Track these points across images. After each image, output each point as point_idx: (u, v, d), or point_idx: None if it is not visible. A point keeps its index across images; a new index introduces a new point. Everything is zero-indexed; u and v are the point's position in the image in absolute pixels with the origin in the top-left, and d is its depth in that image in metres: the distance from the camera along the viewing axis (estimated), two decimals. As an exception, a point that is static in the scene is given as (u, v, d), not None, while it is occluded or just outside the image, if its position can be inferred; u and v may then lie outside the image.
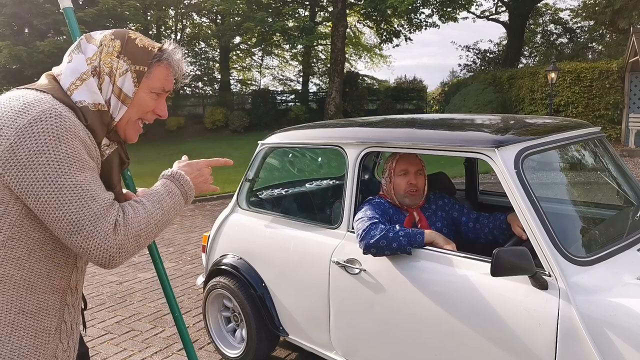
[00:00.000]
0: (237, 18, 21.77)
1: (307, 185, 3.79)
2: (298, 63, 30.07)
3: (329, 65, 22.88)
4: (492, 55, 29.58)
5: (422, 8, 21.63)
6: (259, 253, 2.99)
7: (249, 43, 25.29)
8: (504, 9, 27.09)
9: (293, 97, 27.43)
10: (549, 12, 28.75)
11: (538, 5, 27.13)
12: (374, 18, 23.09)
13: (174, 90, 1.46)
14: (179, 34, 26.87)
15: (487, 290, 1.98)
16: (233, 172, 12.05)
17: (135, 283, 4.84)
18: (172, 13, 25.20)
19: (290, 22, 21.63)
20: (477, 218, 2.69)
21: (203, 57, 27.09)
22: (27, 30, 20.51)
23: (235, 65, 30.41)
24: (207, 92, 27.22)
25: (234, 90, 28.82)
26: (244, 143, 16.98)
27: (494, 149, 2.03)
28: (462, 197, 3.37)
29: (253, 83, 31.64)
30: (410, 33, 23.81)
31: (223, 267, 3.11)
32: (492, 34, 78.75)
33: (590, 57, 25.75)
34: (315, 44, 25.78)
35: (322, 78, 29.93)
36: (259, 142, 3.20)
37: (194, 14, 25.63)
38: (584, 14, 23.64)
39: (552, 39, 29.56)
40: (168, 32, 26.33)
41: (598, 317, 1.73)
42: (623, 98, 14.33)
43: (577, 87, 14.82)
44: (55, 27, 19.29)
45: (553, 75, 14.00)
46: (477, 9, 27.14)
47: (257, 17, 19.80)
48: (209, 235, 3.37)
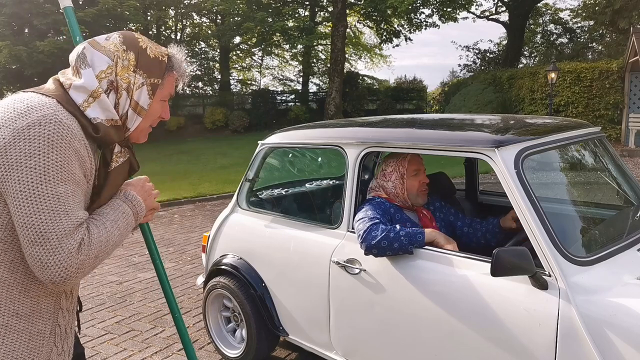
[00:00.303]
0: (237, 18, 21.77)
1: (307, 185, 3.79)
2: (298, 63, 30.06)
3: (329, 65, 22.87)
4: (492, 55, 29.57)
5: (422, 8, 21.62)
6: (259, 253, 2.99)
7: (249, 43, 25.29)
8: (504, 9, 27.09)
9: (293, 97, 27.42)
10: (549, 12, 28.75)
11: (538, 5, 27.13)
12: (374, 18, 23.09)
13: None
14: (179, 34, 26.86)
15: (487, 290, 1.98)
16: (233, 172, 12.08)
17: (135, 283, 4.84)
18: (172, 13, 25.18)
19: (290, 22, 21.63)
20: (470, 223, 2.72)
21: (203, 57, 27.07)
22: (27, 30, 20.50)
23: (235, 65, 30.41)
24: (207, 92, 27.22)
25: (234, 90, 28.82)
26: (244, 143, 16.98)
27: (494, 149, 2.03)
28: (462, 197, 3.38)
29: (253, 83, 31.66)
30: (410, 33, 23.82)
31: (223, 267, 3.11)
32: (492, 34, 78.79)
33: (590, 57, 25.75)
34: (315, 44, 25.78)
35: (322, 78, 29.94)
36: (259, 142, 3.20)
37: (194, 14, 25.62)
38: (584, 14, 23.64)
39: (552, 39, 29.56)
40: (168, 32, 26.32)
41: (598, 317, 1.73)
42: (623, 98, 14.33)
43: (577, 87, 14.81)
44: (55, 27, 19.28)
45: (553, 75, 14.00)
46: (477, 9, 27.16)
47: (257, 17, 19.79)
48: (209, 235, 3.37)
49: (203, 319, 3.39)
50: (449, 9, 20.79)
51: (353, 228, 2.45)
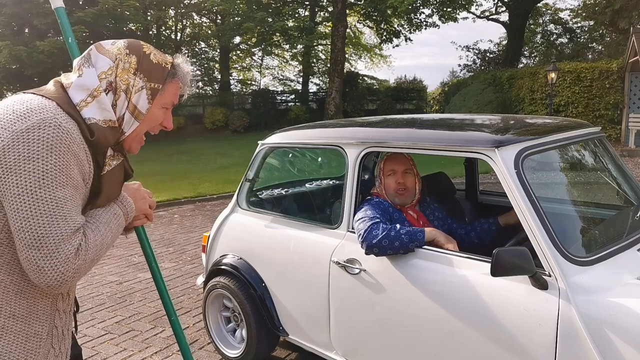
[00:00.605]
0: (237, 18, 21.76)
1: (307, 185, 3.79)
2: (298, 63, 30.06)
3: (329, 65, 22.87)
4: (492, 55, 29.57)
5: (422, 8, 21.62)
6: (259, 253, 2.99)
7: (249, 43, 25.29)
8: (504, 9, 27.08)
9: (293, 97, 27.43)
10: (549, 12, 28.75)
11: (538, 5, 27.13)
12: (374, 18, 23.08)
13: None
14: (179, 34, 26.86)
15: (487, 290, 1.98)
16: (233, 172, 12.08)
17: (135, 283, 4.84)
18: (172, 13, 25.18)
19: (290, 22, 21.63)
20: (466, 226, 2.73)
21: (203, 57, 27.08)
22: (27, 30, 20.50)
23: (235, 65, 30.41)
24: (207, 92, 27.21)
25: (234, 90, 28.82)
26: (244, 143, 16.98)
27: (494, 149, 2.03)
28: (462, 197, 3.38)
29: (253, 83, 31.66)
30: (410, 33, 23.83)
31: (223, 267, 3.11)
32: (492, 34, 78.78)
33: (590, 57, 25.75)
34: (315, 44, 25.78)
35: (322, 78, 29.94)
36: (259, 142, 3.20)
37: (194, 14, 25.60)
38: (584, 14, 23.64)
39: (552, 39, 29.56)
40: (168, 32, 26.33)
41: (598, 317, 1.73)
42: (623, 98, 14.33)
43: (577, 87, 14.82)
44: (55, 27, 19.28)
45: (553, 75, 14.01)
46: (477, 9, 27.16)
47: (257, 17, 19.79)
48: (209, 235, 3.37)
49: (203, 319, 3.39)
50: (449, 9, 20.78)
51: (353, 228, 2.45)
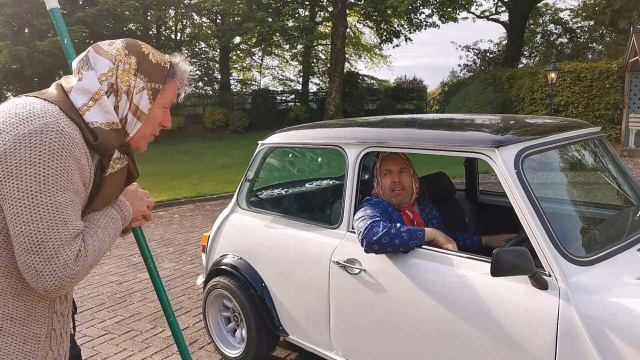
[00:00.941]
0: (237, 18, 21.76)
1: (307, 185, 3.79)
2: (298, 63, 30.05)
3: (329, 65, 22.87)
4: (492, 55, 29.57)
5: (422, 8, 21.61)
6: (259, 253, 2.99)
7: (249, 43, 25.28)
8: (504, 9, 27.08)
9: (293, 97, 27.42)
10: (549, 12, 28.75)
11: (538, 5, 27.13)
12: (374, 18, 23.08)
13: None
14: (179, 34, 26.86)
15: (487, 290, 1.98)
16: (233, 172, 12.07)
17: (135, 283, 4.84)
18: (172, 13, 25.18)
19: (290, 22, 21.62)
20: (452, 233, 2.65)
21: (203, 57, 27.07)
22: (27, 30, 20.48)
23: (235, 65, 30.39)
24: (207, 92, 27.20)
25: (234, 90, 28.81)
26: (244, 143, 16.98)
27: (494, 149, 2.03)
28: (462, 197, 3.38)
29: (253, 83, 31.65)
30: (410, 33, 23.81)
31: (223, 267, 3.11)
32: (492, 34, 78.80)
33: (590, 57, 25.75)
34: (315, 44, 25.77)
35: (322, 78, 29.93)
36: (259, 142, 3.20)
37: (194, 14, 25.59)
38: (584, 14, 23.63)
39: (552, 39, 29.55)
40: (168, 32, 26.32)
41: (598, 317, 1.73)
42: (623, 98, 14.33)
43: (577, 87, 14.82)
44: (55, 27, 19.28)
45: (553, 75, 14.01)
46: (477, 9, 27.15)
47: (257, 17, 19.78)
48: (209, 235, 3.37)
49: (203, 319, 3.39)
50: (449, 9, 20.78)
51: (353, 228, 2.45)
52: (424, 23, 22.64)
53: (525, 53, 30.02)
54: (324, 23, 25.21)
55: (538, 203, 1.94)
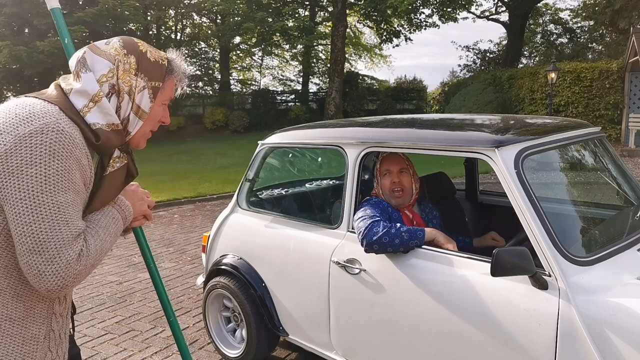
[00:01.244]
0: (237, 18, 21.76)
1: (307, 185, 3.79)
2: (298, 63, 30.05)
3: (329, 65, 22.87)
4: (492, 55, 29.57)
5: (422, 8, 21.61)
6: (259, 253, 2.99)
7: (249, 43, 25.28)
8: (504, 9, 27.08)
9: (293, 97, 27.41)
10: (549, 12, 28.75)
11: (538, 5, 27.13)
12: (374, 18, 23.07)
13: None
14: (179, 34, 26.86)
15: (487, 290, 1.98)
16: (233, 172, 12.07)
17: (135, 283, 4.84)
18: (172, 13, 25.18)
19: (290, 22, 21.62)
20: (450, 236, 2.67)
21: (203, 57, 27.07)
22: (27, 30, 20.49)
23: (235, 65, 30.40)
24: (207, 92, 27.21)
25: (234, 90, 28.81)
26: (244, 143, 16.98)
27: (494, 149, 2.03)
28: (462, 197, 3.38)
29: (253, 83, 31.64)
30: (410, 33, 23.81)
31: (223, 267, 3.11)
32: (492, 34, 78.78)
33: (590, 57, 25.75)
34: (315, 44, 25.77)
35: (322, 78, 29.92)
36: (259, 142, 3.20)
37: (194, 14, 25.61)
38: (584, 14, 23.64)
39: (552, 39, 29.56)
40: (168, 32, 26.32)
41: (598, 317, 1.73)
42: (623, 98, 14.33)
43: (577, 87, 14.82)
44: (55, 27, 19.29)
45: (553, 75, 14.00)
46: (477, 9, 27.14)
47: (257, 17, 19.78)
48: (209, 235, 3.37)
49: (203, 319, 3.39)
50: (449, 9, 20.78)
51: (353, 228, 2.45)
52: (424, 23, 22.65)
53: (525, 53, 30.03)
54: (324, 23, 25.21)
55: (538, 203, 1.94)
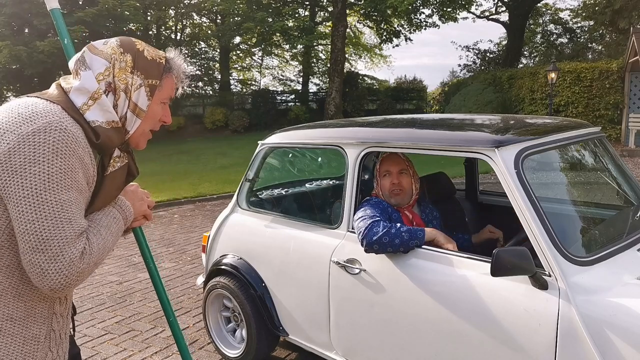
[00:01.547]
0: (237, 18, 21.76)
1: (307, 185, 3.79)
2: (298, 63, 30.05)
3: (329, 65, 22.86)
4: (492, 55, 29.56)
5: (422, 8, 21.61)
6: (259, 253, 2.99)
7: (249, 43, 25.28)
8: (504, 9, 27.08)
9: (293, 97, 27.41)
10: (549, 12, 28.75)
11: (538, 5, 27.13)
12: (374, 18, 23.08)
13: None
14: (179, 34, 26.86)
15: (487, 290, 1.98)
16: (233, 172, 12.07)
17: (135, 283, 4.84)
18: (172, 13, 25.18)
19: (290, 22, 21.62)
20: (451, 235, 2.68)
21: (203, 57, 27.05)
22: (27, 30, 20.48)
23: (235, 65, 30.39)
24: (207, 92, 27.21)
25: (234, 90, 28.80)
26: (244, 143, 16.98)
27: (494, 149, 2.03)
28: (462, 197, 3.38)
29: (253, 83, 31.63)
30: (410, 33, 23.81)
31: (223, 267, 3.11)
32: (492, 34, 78.79)
33: (590, 57, 25.75)
34: (315, 44, 25.77)
35: (322, 78, 29.91)
36: (259, 142, 3.20)
37: (194, 14, 25.60)
38: (584, 14, 23.64)
39: (552, 39, 29.55)
40: (168, 32, 26.31)
41: (598, 317, 1.73)
42: (623, 98, 14.33)
43: (577, 87, 14.82)
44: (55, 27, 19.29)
45: (553, 75, 14.00)
46: (477, 9, 27.15)
47: (257, 17, 19.78)
48: (209, 235, 3.37)
49: (203, 319, 3.39)
50: (449, 9, 20.79)
51: (353, 228, 2.45)
52: (424, 23, 22.65)
53: (525, 53, 30.02)
54: (324, 23, 25.21)
55: (538, 203, 1.94)
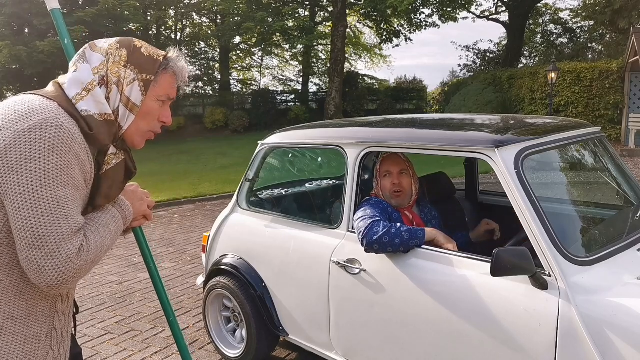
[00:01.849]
0: (237, 18, 21.76)
1: (307, 185, 3.79)
2: (298, 63, 30.05)
3: (329, 65, 22.87)
4: (492, 55, 29.56)
5: (422, 8, 21.61)
6: (259, 253, 2.99)
7: (249, 43, 25.27)
8: (504, 9, 27.08)
9: (293, 97, 27.41)
10: (549, 12, 28.75)
11: (538, 5, 27.13)
12: (374, 18, 23.08)
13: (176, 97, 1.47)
14: (179, 34, 26.85)
15: (487, 290, 1.98)
16: (233, 172, 12.08)
17: (135, 283, 4.84)
18: (172, 13, 25.18)
19: (290, 22, 21.61)
20: (450, 234, 2.68)
21: (203, 57, 27.07)
22: (27, 30, 20.49)
23: (235, 65, 30.38)
24: (207, 92, 27.22)
25: (234, 90, 28.80)
26: (244, 143, 16.98)
27: (494, 149, 2.03)
28: (462, 197, 3.38)
29: (253, 83, 31.63)
30: (410, 33, 23.81)
31: (223, 267, 3.11)
32: (492, 34, 78.80)
33: (590, 57, 25.75)
34: (315, 44, 25.77)
35: (322, 78, 29.91)
36: (259, 142, 3.20)
37: (194, 14, 25.60)
38: (584, 14, 23.64)
39: (552, 39, 29.55)
40: (168, 32, 26.30)
41: (598, 317, 1.73)
42: (623, 98, 14.33)
43: (577, 87, 14.82)
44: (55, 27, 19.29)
45: (553, 75, 14.00)
46: (477, 9, 27.15)
47: (257, 17, 19.78)
48: (209, 235, 3.37)
49: (203, 319, 3.39)
50: (449, 9, 20.78)
51: (353, 228, 2.45)
52: (424, 23, 22.65)
53: (525, 53, 30.02)
54: (324, 23, 25.20)
55: (538, 203, 1.94)
